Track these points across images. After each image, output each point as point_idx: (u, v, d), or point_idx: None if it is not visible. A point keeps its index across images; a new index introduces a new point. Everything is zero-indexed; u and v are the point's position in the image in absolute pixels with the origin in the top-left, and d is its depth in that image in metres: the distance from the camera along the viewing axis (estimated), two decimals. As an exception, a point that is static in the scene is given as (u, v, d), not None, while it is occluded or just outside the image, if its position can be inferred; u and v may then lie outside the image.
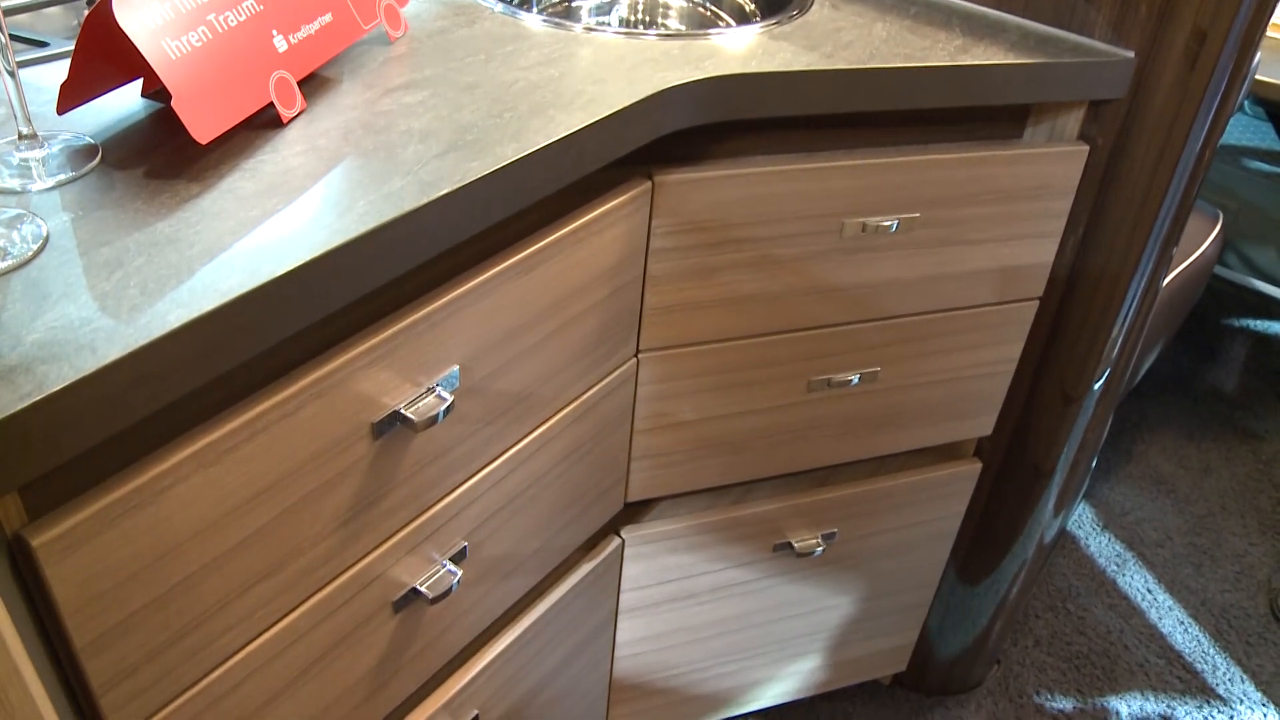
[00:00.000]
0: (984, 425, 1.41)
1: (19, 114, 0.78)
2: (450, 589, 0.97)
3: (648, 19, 1.43)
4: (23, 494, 0.64)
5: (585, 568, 1.22)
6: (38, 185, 0.77)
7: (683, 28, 1.42)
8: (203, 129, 0.80)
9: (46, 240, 0.71)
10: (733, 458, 1.27)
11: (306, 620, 0.86)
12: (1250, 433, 2.40)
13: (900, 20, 1.17)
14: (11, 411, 0.58)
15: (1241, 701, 1.81)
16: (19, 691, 0.65)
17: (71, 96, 0.83)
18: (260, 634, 0.83)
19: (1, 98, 0.87)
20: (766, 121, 1.08)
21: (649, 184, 1.00)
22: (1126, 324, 1.35)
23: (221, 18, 0.84)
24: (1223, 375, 2.58)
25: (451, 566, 0.98)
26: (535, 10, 1.36)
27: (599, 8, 1.42)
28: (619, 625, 1.36)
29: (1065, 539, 2.10)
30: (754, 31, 1.10)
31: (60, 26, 1.06)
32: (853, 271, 1.16)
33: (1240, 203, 2.73)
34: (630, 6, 1.44)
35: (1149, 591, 2.00)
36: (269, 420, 0.74)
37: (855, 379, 1.25)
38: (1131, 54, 1.15)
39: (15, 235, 0.72)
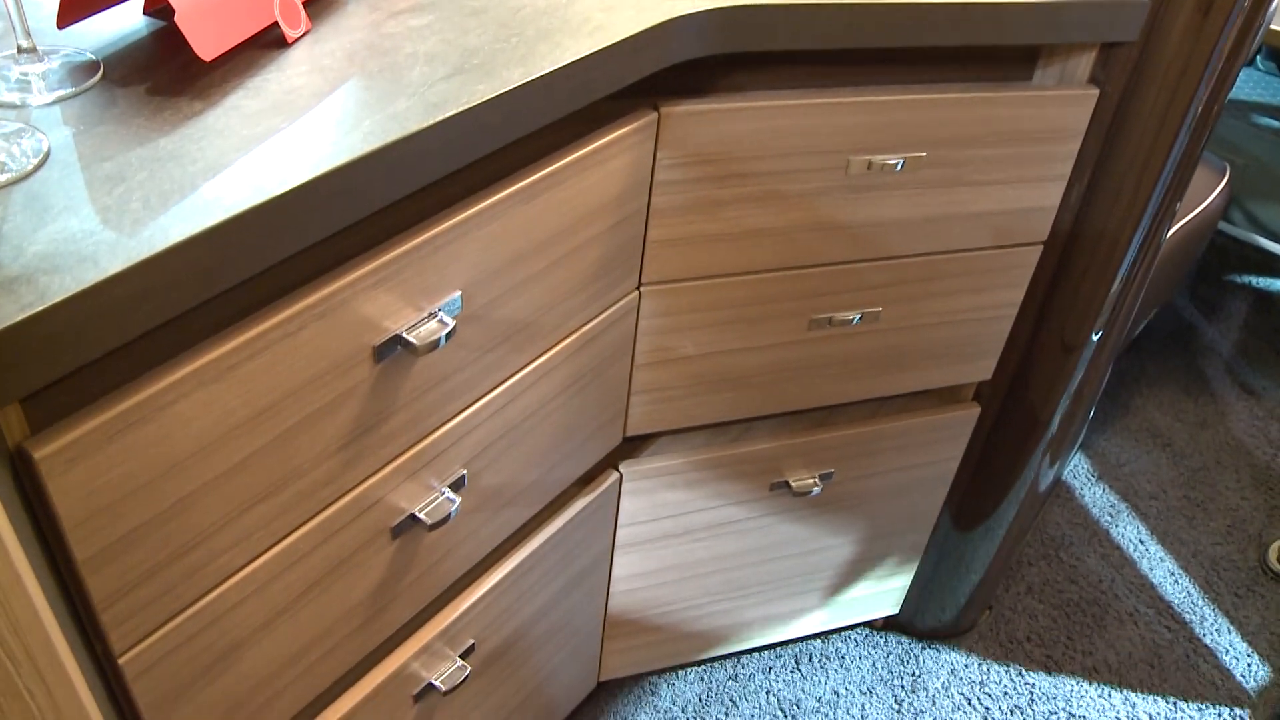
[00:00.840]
0: (984, 369, 1.41)
1: (18, 27, 0.77)
2: (448, 516, 0.97)
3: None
4: (25, 407, 0.64)
5: (582, 501, 1.22)
6: (37, 100, 0.76)
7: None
8: (206, 46, 0.79)
9: (48, 154, 0.71)
10: (733, 395, 1.27)
11: (305, 543, 0.87)
12: (1248, 389, 2.40)
13: (913, -44, 1.15)
14: (13, 321, 0.57)
15: (1227, 652, 1.83)
16: (22, 602, 0.66)
17: (72, 11, 0.82)
18: (259, 555, 0.83)
19: (1, 11, 0.86)
20: (775, 55, 1.07)
21: (655, 115, 0.99)
22: (1128, 274, 1.35)
23: (226, -67, 0.83)
24: (1223, 331, 2.58)
25: (450, 494, 0.99)
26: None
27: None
28: (615, 560, 1.37)
29: (1060, 488, 2.12)
30: (765, -36, 1.08)
31: (61, -56, 1.04)
32: (857, 209, 1.16)
33: (1248, 159, 2.71)
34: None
35: (1141, 543, 2.02)
36: (271, 339, 0.74)
37: (857, 318, 1.25)
38: (1145, -4, 1.14)
39: (15, 149, 0.71)
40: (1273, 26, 1.89)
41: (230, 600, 0.82)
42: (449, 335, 0.86)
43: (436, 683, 1.11)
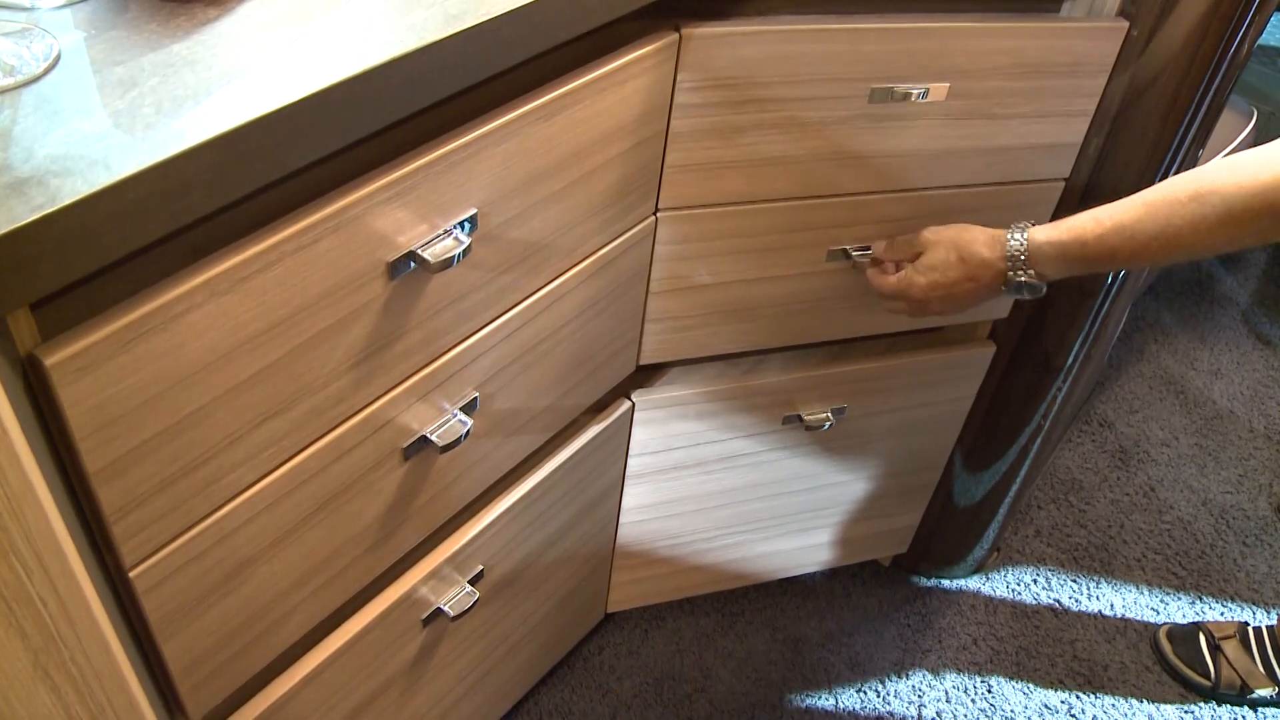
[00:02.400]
0: (1001, 306, 1.40)
1: (29, -71, 0.76)
2: (460, 439, 0.97)
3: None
4: (36, 314, 0.64)
5: (594, 429, 1.22)
6: (47, 2, 0.75)
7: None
8: (220, -50, 0.77)
9: (58, 58, 0.69)
10: (747, 325, 1.26)
11: (316, 461, 0.86)
12: (1264, 339, 2.39)
13: (943, -121, 1.12)
14: (24, 222, 0.57)
15: (1233, 599, 1.83)
16: (34, 511, 0.65)
17: (85, -87, 0.80)
18: (270, 472, 0.83)
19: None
20: (799, -21, 1.05)
21: (676, 36, 0.97)
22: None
23: None
24: (1240, 280, 2.56)
25: (462, 416, 0.98)
26: None
27: None
28: (625, 490, 1.37)
29: (1072, 433, 2.11)
30: (791, -117, 1.06)
31: None
32: (877, 140, 1.14)
33: (1274, 106, 2.67)
34: None
35: (1151, 489, 2.01)
36: (284, 251, 0.73)
37: (872, 250, 1.23)
38: (1180, -76, 1.11)
39: (25, 51, 0.70)
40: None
41: (241, 517, 0.82)
42: (464, 253, 0.84)
43: (445, 608, 1.12)
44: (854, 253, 1.22)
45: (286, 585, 0.91)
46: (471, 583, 1.15)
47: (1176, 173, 1.29)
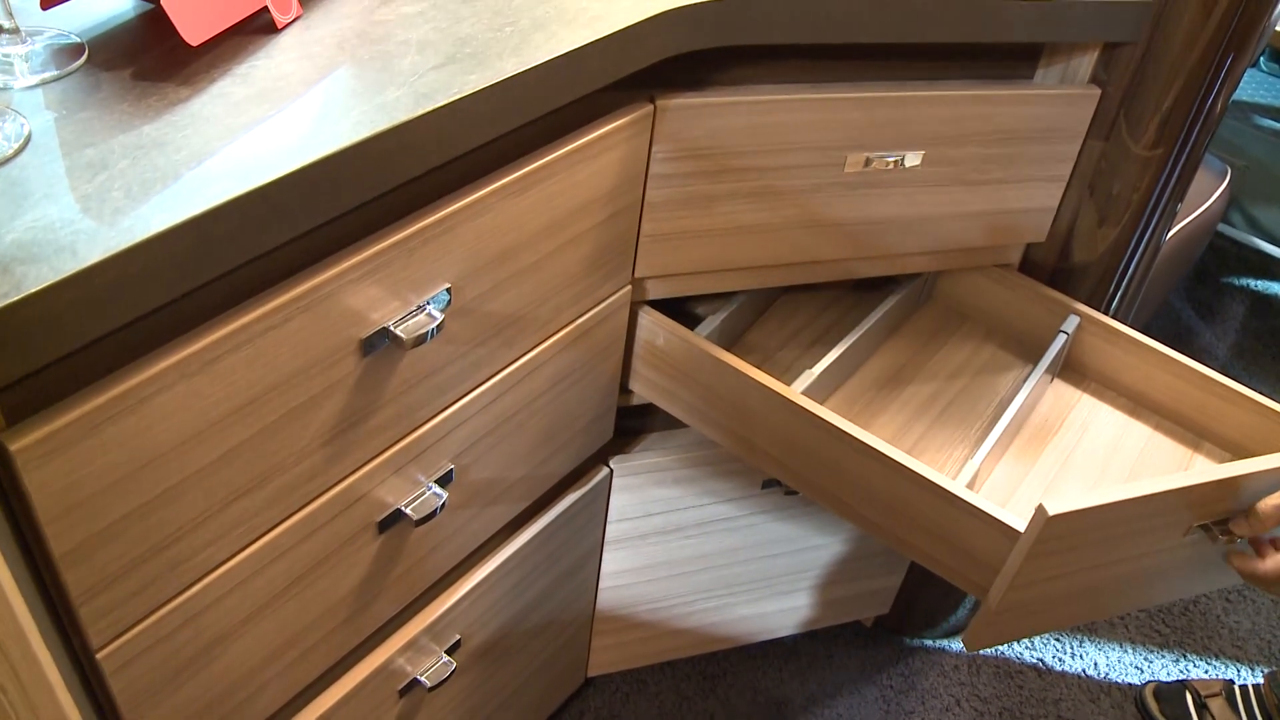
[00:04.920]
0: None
1: (1, 7, 0.76)
2: (435, 512, 0.96)
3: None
4: (2, 399, 0.63)
5: (572, 496, 1.21)
6: (20, 82, 0.74)
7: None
8: (193, 30, 0.77)
9: (28, 139, 0.69)
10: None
11: (289, 537, 0.85)
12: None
13: (915, -49, 1.14)
14: (-13, 312, 0.56)
15: (1218, 657, 1.82)
16: (-5, 597, 0.65)
17: (58, -8, 0.80)
18: (241, 549, 0.82)
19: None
20: (773, 48, 1.05)
21: (651, 108, 0.98)
22: (1128, 276, 1.34)
23: (216, -84, 0.81)
24: (1219, 334, 2.57)
25: (437, 489, 0.98)
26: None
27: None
28: (604, 555, 1.36)
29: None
30: (765, -44, 1.07)
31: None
32: (854, 207, 1.14)
33: (1249, 160, 2.70)
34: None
35: (1134, 544, 2.01)
36: (255, 332, 0.72)
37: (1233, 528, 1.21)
38: (1149, -4, 1.12)
39: (-3, 132, 0.70)
40: (1278, 29, 1.88)
41: (212, 595, 0.81)
42: (437, 329, 0.84)
43: (422, 678, 1.10)
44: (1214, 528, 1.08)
45: (259, 661, 0.90)
46: (449, 652, 1.14)
47: (1153, 236, 1.30)
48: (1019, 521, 0.98)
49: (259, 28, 0.84)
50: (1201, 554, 1.09)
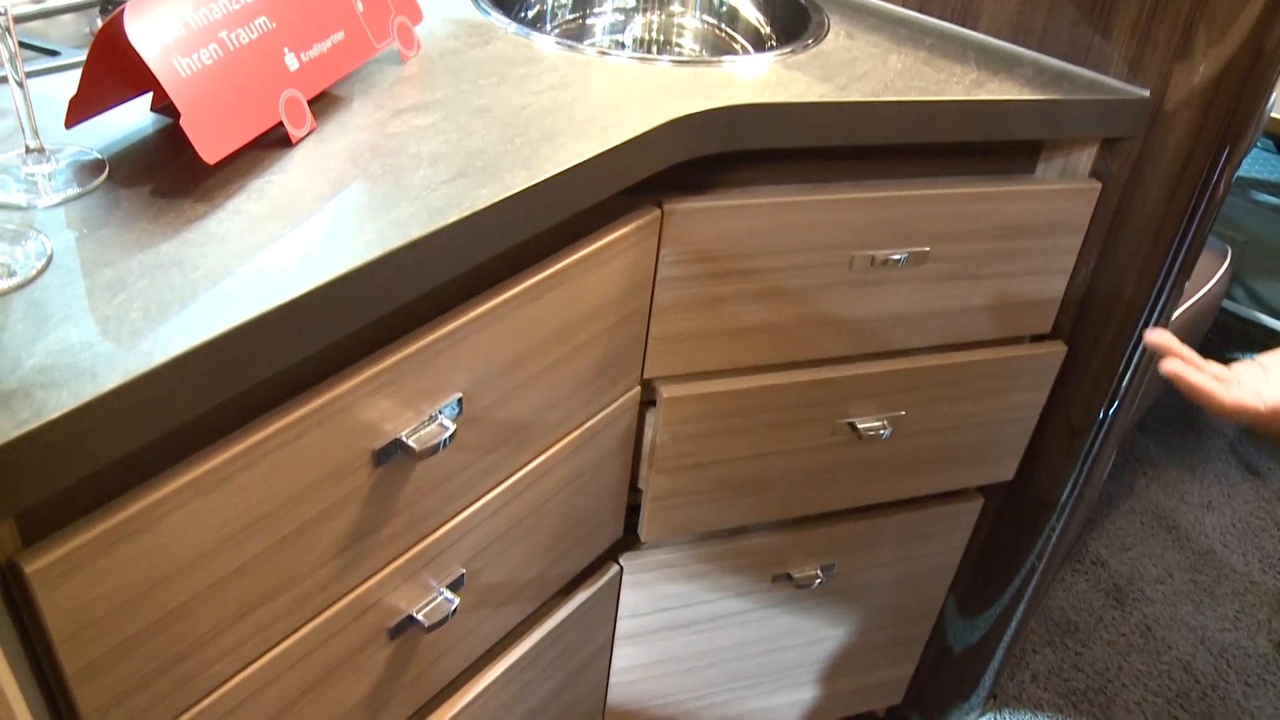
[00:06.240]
0: (1007, 470, 1.40)
1: (27, 127, 0.77)
2: (447, 617, 0.96)
3: (662, 39, 1.43)
4: (17, 519, 0.63)
5: (583, 595, 1.21)
6: (44, 201, 0.76)
7: (697, 49, 1.41)
8: (211, 149, 0.79)
9: (50, 259, 0.70)
10: (753, 499, 1.26)
11: (301, 647, 0.85)
12: (1252, 469, 2.39)
13: (915, 52, 1.16)
14: (8, 439, 0.57)
15: (1239, 742, 1.80)
16: (4, 712, 0.64)
17: (80, 111, 0.82)
18: (253, 661, 0.82)
19: (10, 108, 0.86)
20: (778, 151, 1.07)
21: (658, 213, 0.99)
22: (1135, 361, 1.34)
23: (233, 35, 0.83)
24: (1226, 410, 2.56)
25: (448, 594, 0.97)
26: (549, 28, 1.36)
27: (613, 25, 1.42)
28: (615, 652, 1.35)
29: (1065, 572, 2.09)
30: (768, 60, 1.09)
31: (72, 34, 1.05)
32: (860, 304, 1.15)
33: (1248, 235, 2.72)
34: (644, 25, 1.43)
35: (1148, 628, 1.99)
36: (269, 448, 0.73)
37: (883, 428, 1.24)
38: (1147, 93, 1.14)
39: (19, 252, 0.71)
40: (1273, 115, 1.90)
41: (224, 708, 0.81)
42: (449, 439, 0.85)
43: (432, 782, 1.09)
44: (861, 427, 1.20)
45: (269, 771, 0.89)
46: (459, 754, 1.12)
47: (1159, 320, 1.31)
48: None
49: (274, 141, 0.86)
50: (852, 457, 1.16)
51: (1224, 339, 2.80)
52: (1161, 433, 2.47)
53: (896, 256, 1.12)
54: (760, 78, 1.04)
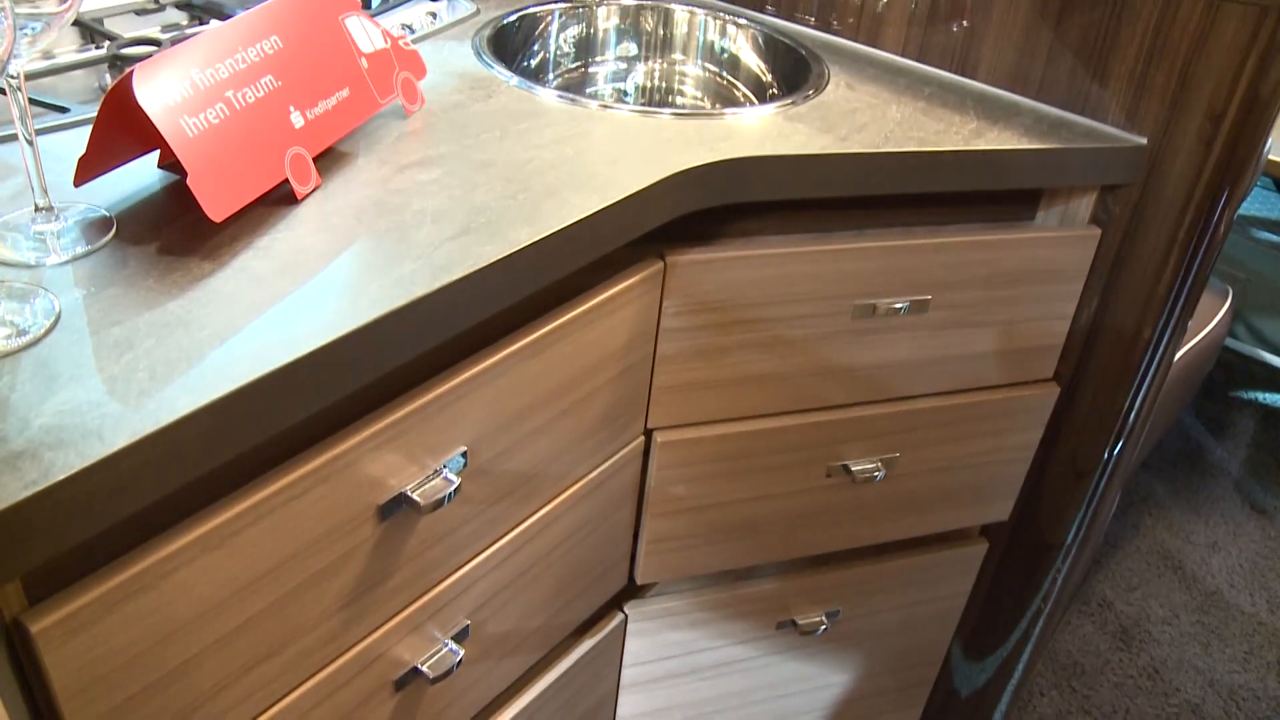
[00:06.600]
0: (1001, 510, 1.40)
1: (36, 186, 0.78)
2: (452, 668, 0.96)
3: (665, 87, 1.44)
4: (23, 579, 0.64)
5: (588, 643, 1.20)
6: (52, 259, 0.77)
7: (699, 97, 1.43)
8: (217, 208, 0.80)
9: (59, 317, 0.71)
10: (745, 543, 1.26)
11: (307, 700, 0.85)
12: (1258, 508, 2.38)
13: (915, 102, 1.17)
14: (15, 500, 0.57)
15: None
16: (11, 776, 0.64)
17: (89, 171, 0.83)
18: (259, 715, 0.82)
19: (19, 165, 0.87)
20: (780, 201, 1.08)
21: (661, 264, 1.00)
22: (1138, 403, 1.34)
23: (240, 94, 0.84)
24: (1231, 449, 2.56)
25: (453, 645, 0.97)
26: (551, 77, 1.37)
27: (615, 74, 1.43)
28: (620, 700, 1.34)
29: (1071, 614, 2.08)
30: (769, 111, 1.10)
31: (81, 89, 1.06)
32: (862, 353, 1.16)
33: (1249, 274, 2.73)
34: (647, 73, 1.45)
35: (1155, 671, 1.98)
36: (275, 504, 0.73)
37: (876, 469, 1.24)
38: (1144, 140, 1.15)
39: (28, 311, 0.71)
40: (1271, 157, 1.91)
41: (227, 762, 0.81)
42: (454, 493, 0.85)
43: (436, 834, 1.09)
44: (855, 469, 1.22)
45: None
46: (463, 806, 1.12)
47: (1161, 362, 1.31)
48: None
49: (280, 198, 0.87)
50: (849, 499, 1.17)
51: (1228, 377, 2.80)
52: (1166, 472, 2.47)
53: (898, 305, 1.13)
54: (761, 130, 1.05)
